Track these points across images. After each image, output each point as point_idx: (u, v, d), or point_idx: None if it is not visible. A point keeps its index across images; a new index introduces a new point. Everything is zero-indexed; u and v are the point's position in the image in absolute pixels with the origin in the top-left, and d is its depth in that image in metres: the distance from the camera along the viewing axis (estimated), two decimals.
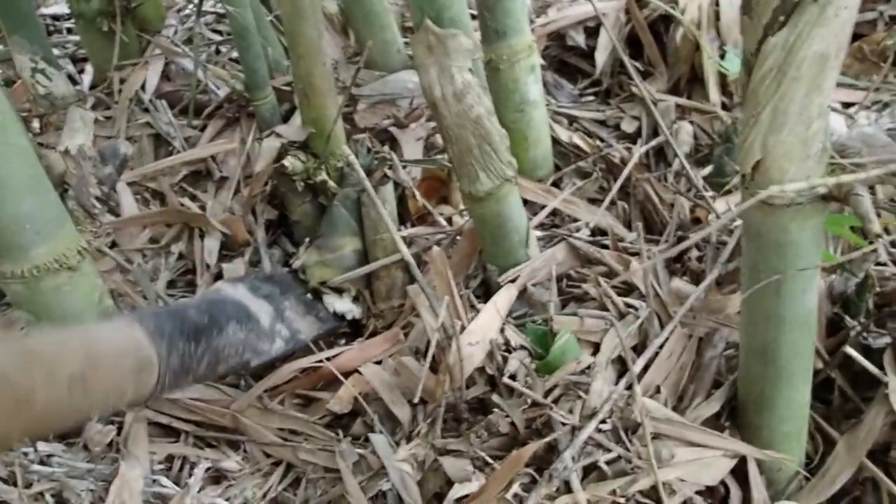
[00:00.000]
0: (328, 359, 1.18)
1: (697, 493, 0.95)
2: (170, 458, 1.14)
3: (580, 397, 0.94)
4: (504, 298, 1.08)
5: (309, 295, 1.30)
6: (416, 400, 0.96)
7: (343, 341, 1.30)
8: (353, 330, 1.35)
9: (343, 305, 1.31)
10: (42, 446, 1.05)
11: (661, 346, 1.05)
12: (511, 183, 1.11)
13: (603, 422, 0.93)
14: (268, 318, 1.15)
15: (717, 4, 1.50)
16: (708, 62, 1.46)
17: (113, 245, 1.46)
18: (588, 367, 0.98)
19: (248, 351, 1.07)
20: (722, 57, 1.46)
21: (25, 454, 1.03)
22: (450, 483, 0.94)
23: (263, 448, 1.15)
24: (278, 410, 1.17)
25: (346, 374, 1.17)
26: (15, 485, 0.99)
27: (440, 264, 1.11)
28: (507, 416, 0.96)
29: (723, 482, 0.99)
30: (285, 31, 1.25)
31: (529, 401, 0.97)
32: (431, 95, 1.04)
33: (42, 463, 1.03)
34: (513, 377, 0.98)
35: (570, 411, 0.93)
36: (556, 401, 0.95)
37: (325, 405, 1.17)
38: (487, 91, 1.07)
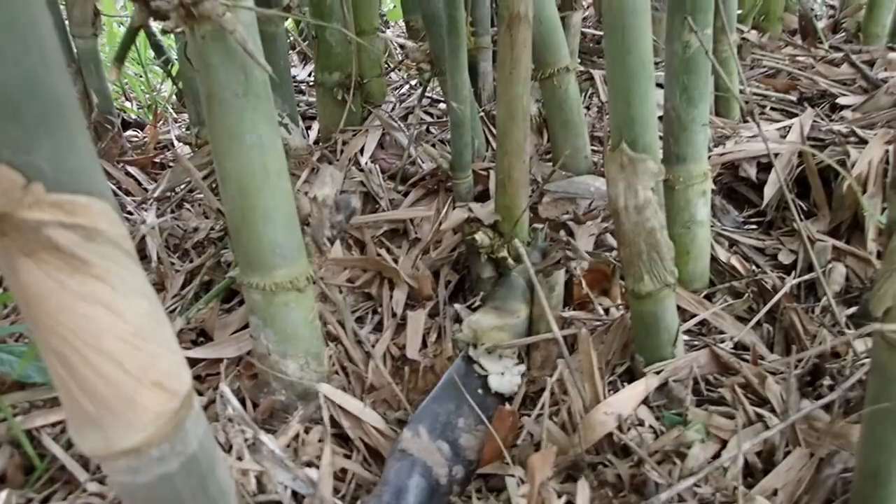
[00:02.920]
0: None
1: None
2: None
3: (676, 461, 1.09)
4: (646, 383, 1.24)
5: (479, 390, 1.43)
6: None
7: None
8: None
9: (502, 385, 1.48)
10: (262, 435, 1.29)
11: (783, 457, 1.18)
12: (670, 288, 1.29)
13: (697, 485, 1.08)
14: (445, 469, 1.28)
15: (887, 163, 1.63)
16: (869, 213, 1.58)
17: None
18: (714, 457, 1.12)
19: None
20: (883, 211, 1.58)
21: (243, 431, 1.27)
22: None
23: None
24: None
25: None
26: (229, 452, 1.24)
27: (585, 343, 1.29)
28: (615, 469, 1.12)
29: None
30: (497, 131, 1.49)
31: (636, 460, 1.13)
32: (615, 205, 1.24)
33: (252, 445, 1.27)
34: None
35: (669, 473, 1.08)
36: (658, 462, 1.11)
37: None
38: (664, 208, 1.25)
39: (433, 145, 1.98)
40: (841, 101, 2.04)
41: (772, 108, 2.12)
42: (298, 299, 1.37)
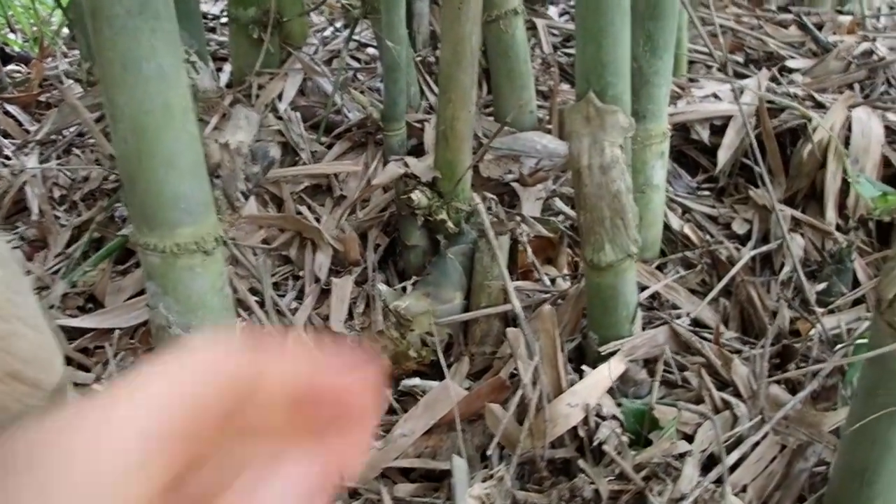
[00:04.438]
0: None
1: None
2: None
3: (667, 480, 0.96)
4: (615, 368, 1.10)
5: None
6: (491, 448, 0.99)
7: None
8: (435, 370, 1.39)
9: None
10: None
11: (752, 448, 1.07)
12: (632, 259, 1.15)
13: None
14: None
15: (849, 129, 1.53)
16: (830, 182, 1.49)
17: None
18: (683, 454, 1.00)
19: None
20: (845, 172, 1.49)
21: None
22: None
23: None
24: None
25: None
26: None
27: (549, 323, 1.15)
28: (592, 482, 0.98)
29: None
30: (440, 75, 1.31)
31: (616, 473, 0.99)
32: (577, 163, 1.09)
33: None
34: (602, 444, 1.01)
35: (660, 493, 0.95)
36: (645, 479, 0.97)
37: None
38: (630, 168, 1.11)
39: (362, 93, 1.78)
40: (790, 63, 1.94)
41: (718, 69, 2.00)
42: (206, 263, 1.17)
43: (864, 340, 1.05)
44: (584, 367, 1.14)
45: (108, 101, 1.06)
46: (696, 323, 1.35)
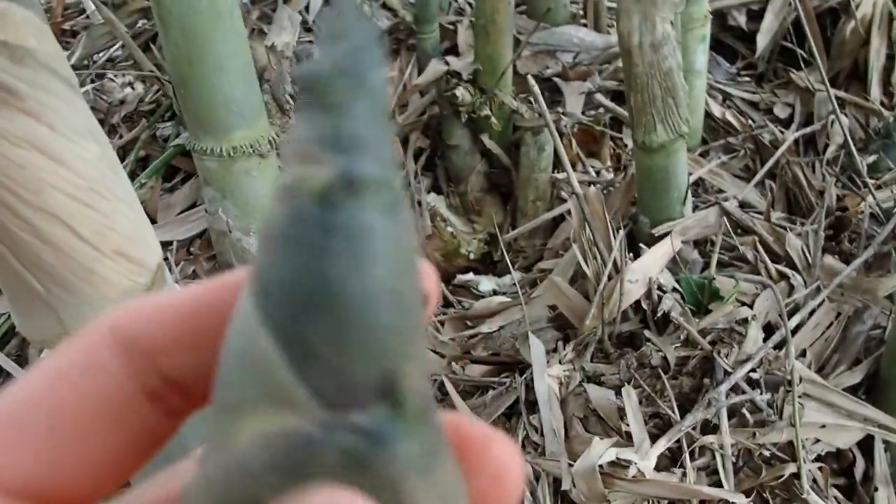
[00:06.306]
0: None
1: (827, 454, 1.00)
2: None
3: (732, 344, 0.99)
4: (670, 244, 1.12)
5: None
6: (587, 322, 1.02)
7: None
8: (487, 266, 1.42)
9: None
10: None
11: (809, 315, 1.09)
12: (683, 139, 1.15)
13: (753, 370, 0.98)
14: None
15: (894, 2, 1.51)
16: (874, 58, 1.47)
17: None
18: (745, 320, 1.02)
19: None
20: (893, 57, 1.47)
21: None
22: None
23: None
24: None
25: None
26: None
27: (596, 203, 1.16)
28: (660, 350, 1.01)
29: (850, 450, 1.03)
30: None
31: (681, 339, 1.02)
32: (628, 42, 1.08)
33: None
34: (667, 314, 1.03)
35: (726, 356, 0.98)
36: (711, 343, 1.00)
37: None
38: (681, 46, 1.10)
39: None
40: None
41: None
42: (261, 166, 1.18)
43: None
44: (641, 245, 1.15)
45: (155, 3, 1.06)
46: (743, 206, 1.36)
